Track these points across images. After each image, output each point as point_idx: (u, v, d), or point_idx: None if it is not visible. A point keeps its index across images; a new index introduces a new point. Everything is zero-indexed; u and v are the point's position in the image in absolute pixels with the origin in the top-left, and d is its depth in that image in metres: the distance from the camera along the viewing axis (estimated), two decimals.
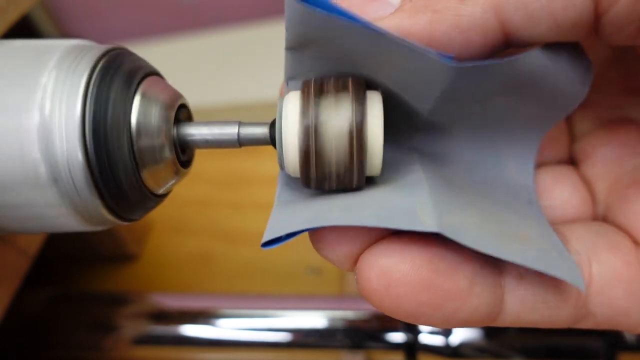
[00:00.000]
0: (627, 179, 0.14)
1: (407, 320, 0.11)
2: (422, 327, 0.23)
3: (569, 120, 0.16)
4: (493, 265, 0.11)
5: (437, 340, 0.23)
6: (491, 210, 0.13)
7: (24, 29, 0.20)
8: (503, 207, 0.13)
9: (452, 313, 0.11)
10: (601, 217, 0.14)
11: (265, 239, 0.12)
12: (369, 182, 0.13)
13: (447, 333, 0.23)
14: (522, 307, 0.11)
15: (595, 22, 0.10)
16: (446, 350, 0.23)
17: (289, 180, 0.14)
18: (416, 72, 0.11)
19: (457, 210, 0.12)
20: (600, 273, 0.12)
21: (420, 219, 0.11)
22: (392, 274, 0.11)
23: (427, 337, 0.23)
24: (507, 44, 0.11)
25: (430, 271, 0.11)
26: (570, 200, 0.14)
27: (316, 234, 0.12)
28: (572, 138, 0.15)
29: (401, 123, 0.14)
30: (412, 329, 0.24)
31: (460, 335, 0.23)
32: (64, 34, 0.65)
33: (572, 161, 0.15)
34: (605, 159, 0.14)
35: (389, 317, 0.24)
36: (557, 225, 0.13)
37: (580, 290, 0.11)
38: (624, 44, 0.11)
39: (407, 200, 0.11)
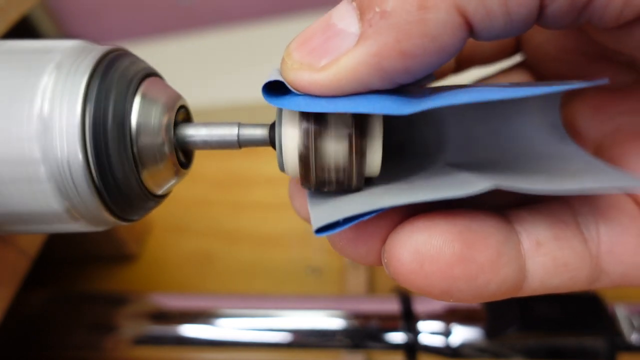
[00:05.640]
0: (609, 141, 0.14)
1: (438, 298, 0.11)
2: (422, 327, 0.23)
3: None
4: (512, 235, 0.12)
5: (438, 341, 0.23)
6: (532, 164, 0.13)
7: (24, 29, 0.20)
8: (544, 158, 0.13)
9: (483, 286, 0.11)
10: None
11: (318, 224, 0.11)
12: (368, 183, 0.13)
13: (447, 333, 0.23)
14: (544, 272, 0.11)
15: (538, 15, 0.11)
16: (446, 350, 0.23)
17: None
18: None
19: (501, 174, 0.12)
20: (607, 232, 0.12)
21: (470, 185, 0.11)
22: (426, 251, 0.11)
23: (427, 337, 0.23)
24: (470, 37, 0.11)
25: (462, 244, 0.11)
26: None
27: (338, 235, 0.12)
28: None
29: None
30: (412, 329, 0.24)
31: (460, 336, 0.23)
32: (64, 34, 0.65)
33: None
34: (584, 126, 0.15)
35: (389, 317, 0.24)
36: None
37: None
38: (561, 29, 0.11)
39: (450, 179, 0.12)
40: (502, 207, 0.12)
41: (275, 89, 0.12)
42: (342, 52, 0.11)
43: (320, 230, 0.11)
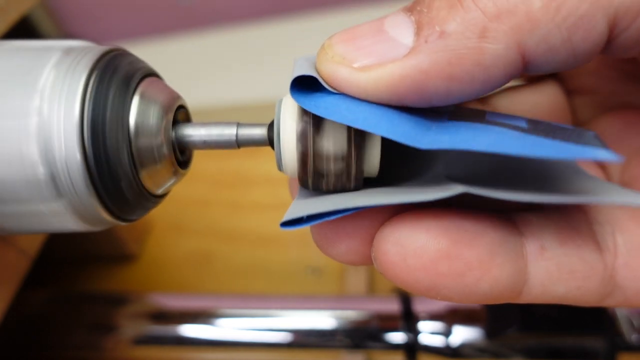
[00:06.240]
0: (639, 157, 0.14)
1: (426, 295, 0.11)
2: (422, 327, 0.23)
3: (571, 106, 0.16)
4: (514, 236, 0.11)
5: (438, 341, 0.23)
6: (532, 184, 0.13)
7: (24, 29, 0.20)
8: (548, 182, 0.13)
9: (472, 284, 0.11)
10: None
11: (285, 218, 0.11)
12: (367, 183, 0.13)
13: (447, 333, 0.23)
14: (547, 278, 0.11)
15: (605, 46, 0.10)
16: (446, 350, 0.23)
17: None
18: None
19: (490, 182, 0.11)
20: (625, 244, 0.11)
21: (445, 189, 0.10)
22: (409, 245, 0.11)
23: (427, 337, 0.23)
24: (523, 73, 0.11)
25: (448, 240, 0.11)
26: None
27: (318, 233, 0.12)
28: (577, 124, 0.16)
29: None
30: (412, 329, 0.24)
31: (460, 336, 0.23)
32: (64, 34, 0.65)
33: None
34: (613, 140, 0.14)
35: (389, 317, 0.24)
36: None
37: None
38: (627, 58, 0.11)
39: (428, 185, 0.11)
40: (510, 211, 0.12)
41: (299, 84, 0.11)
42: (389, 59, 0.10)
43: (285, 224, 0.11)
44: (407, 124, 0.11)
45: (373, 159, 0.12)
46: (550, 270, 0.11)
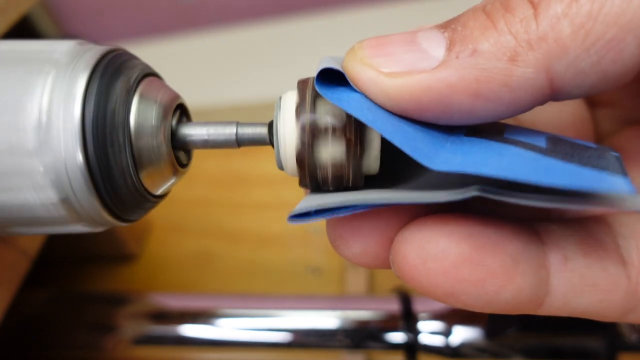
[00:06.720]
0: None
1: (445, 301, 0.11)
2: (422, 327, 0.23)
3: (594, 119, 0.16)
4: (536, 246, 0.11)
5: (438, 341, 0.23)
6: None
7: (24, 29, 0.20)
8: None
9: (493, 292, 0.10)
10: None
11: (293, 212, 0.11)
12: (370, 184, 0.13)
13: (447, 333, 0.23)
14: (570, 290, 0.11)
15: None
16: (446, 350, 0.23)
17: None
18: None
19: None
20: None
21: (458, 191, 0.10)
22: (430, 248, 0.10)
23: (427, 337, 0.23)
24: (551, 98, 0.11)
25: (471, 246, 0.10)
26: None
27: (334, 233, 0.12)
28: (599, 137, 0.15)
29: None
30: (412, 329, 0.24)
31: (460, 336, 0.23)
32: (64, 34, 0.65)
33: None
34: (634, 155, 0.14)
35: (389, 317, 0.24)
36: (598, 215, 0.13)
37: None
38: None
39: (441, 186, 0.11)
40: (532, 220, 0.12)
41: (322, 78, 0.11)
42: (418, 69, 0.11)
43: (293, 217, 0.11)
44: (423, 139, 0.11)
45: (372, 156, 0.12)
46: (573, 281, 0.11)
